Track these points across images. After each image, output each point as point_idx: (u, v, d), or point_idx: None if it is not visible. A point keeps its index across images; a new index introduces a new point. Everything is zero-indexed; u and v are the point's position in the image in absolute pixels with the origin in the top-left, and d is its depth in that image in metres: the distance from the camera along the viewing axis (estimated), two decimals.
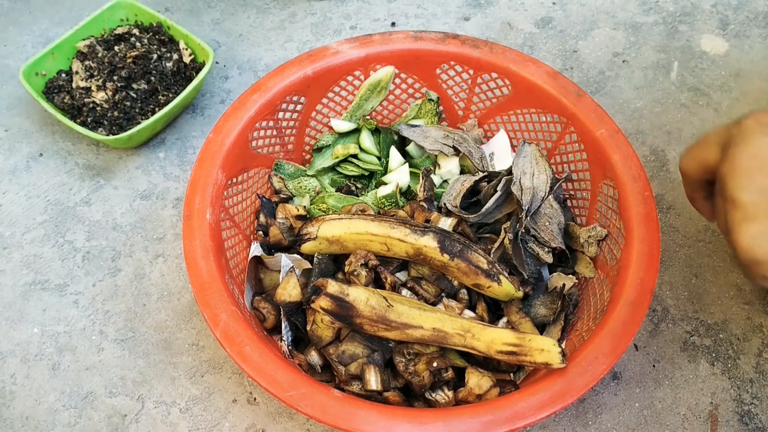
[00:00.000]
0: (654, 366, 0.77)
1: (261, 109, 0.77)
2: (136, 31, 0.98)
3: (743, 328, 0.80)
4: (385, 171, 0.83)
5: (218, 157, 0.73)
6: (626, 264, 0.67)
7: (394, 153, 0.83)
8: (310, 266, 0.72)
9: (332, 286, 0.64)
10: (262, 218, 0.78)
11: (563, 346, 0.66)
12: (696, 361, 0.78)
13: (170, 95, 0.94)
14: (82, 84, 0.93)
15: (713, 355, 0.78)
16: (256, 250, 0.75)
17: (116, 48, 0.96)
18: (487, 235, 0.75)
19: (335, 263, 0.73)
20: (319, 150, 0.86)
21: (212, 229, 0.69)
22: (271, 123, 0.80)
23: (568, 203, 0.81)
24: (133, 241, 0.86)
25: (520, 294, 0.69)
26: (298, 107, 0.82)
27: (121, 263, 0.85)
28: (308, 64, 0.80)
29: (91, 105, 0.91)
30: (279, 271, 0.74)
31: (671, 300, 0.82)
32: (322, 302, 0.63)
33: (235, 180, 0.76)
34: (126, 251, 0.85)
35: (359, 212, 0.74)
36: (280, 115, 0.81)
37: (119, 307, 0.81)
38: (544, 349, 0.61)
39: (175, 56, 0.96)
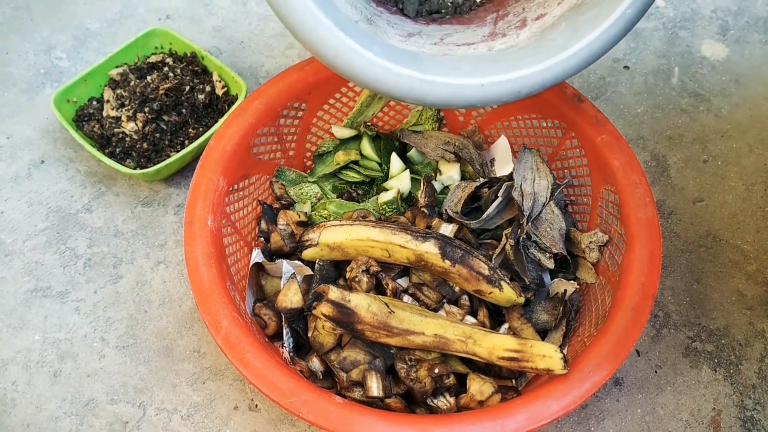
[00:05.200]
0: (656, 372, 0.77)
1: (262, 115, 0.78)
2: (169, 60, 0.97)
3: (745, 333, 0.80)
4: (386, 177, 0.83)
5: (219, 164, 0.73)
6: (628, 269, 0.67)
7: (395, 159, 0.83)
8: (311, 273, 0.72)
9: (334, 293, 0.64)
10: (263, 225, 0.78)
11: (565, 352, 0.66)
12: (698, 367, 0.78)
13: (200, 128, 0.93)
14: (113, 113, 0.92)
15: (715, 360, 0.78)
16: (257, 256, 0.75)
17: (149, 78, 0.94)
18: (489, 241, 0.75)
19: (336, 269, 0.73)
20: (321, 156, 0.86)
21: (213, 235, 0.69)
22: (272, 130, 0.80)
23: (569, 209, 0.81)
24: (134, 248, 0.86)
25: (522, 300, 0.69)
26: (299, 114, 0.83)
27: (123, 270, 0.85)
28: (309, 70, 0.80)
29: (120, 135, 0.90)
30: (280, 277, 0.74)
31: (673, 305, 0.82)
32: (324, 309, 0.63)
33: (236, 186, 0.76)
34: (127, 258, 0.86)
35: (360, 218, 0.74)
36: (281, 121, 0.81)
37: (121, 313, 0.81)
38: (546, 355, 0.61)
39: (208, 88, 0.95)
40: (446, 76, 0.58)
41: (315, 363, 0.69)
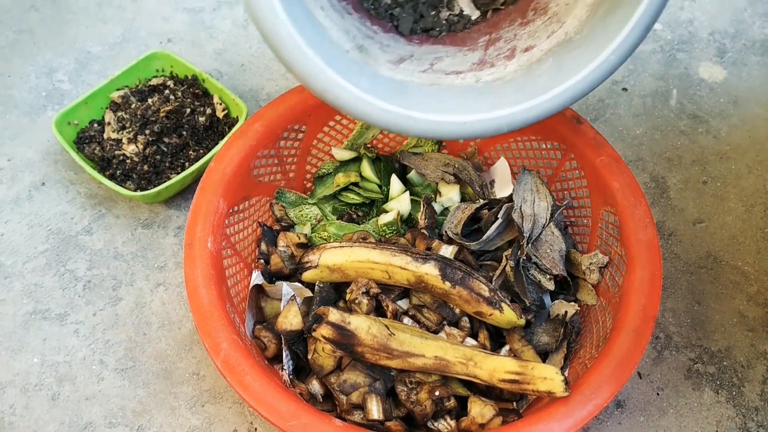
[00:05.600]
0: (658, 394, 0.77)
1: (262, 138, 0.78)
2: (170, 83, 0.97)
3: (747, 355, 0.79)
4: (386, 199, 0.83)
5: (220, 186, 0.73)
6: (628, 291, 0.66)
7: (395, 181, 0.83)
8: (311, 294, 0.72)
9: (333, 315, 0.63)
10: (263, 246, 0.78)
11: (566, 374, 0.66)
12: (700, 389, 0.77)
13: (201, 150, 0.93)
14: (114, 135, 0.92)
15: (718, 382, 0.78)
16: (257, 278, 0.75)
17: (150, 100, 0.95)
18: (489, 262, 0.75)
19: (336, 291, 0.73)
20: (321, 178, 0.86)
21: (213, 257, 0.69)
22: (272, 152, 0.80)
23: (569, 230, 0.81)
24: (134, 270, 0.86)
25: (522, 322, 0.69)
26: (299, 136, 0.83)
27: (122, 292, 0.84)
28: (309, 93, 0.80)
29: (121, 157, 0.91)
30: (280, 299, 0.74)
31: (674, 327, 0.81)
32: (324, 331, 0.63)
33: (236, 208, 0.76)
34: (127, 280, 0.85)
35: (360, 240, 0.74)
36: (282, 143, 0.81)
37: (120, 336, 0.81)
38: (547, 377, 0.61)
39: (209, 111, 0.96)
40: (430, 111, 0.60)
41: (315, 386, 0.68)
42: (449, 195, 0.82)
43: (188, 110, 0.94)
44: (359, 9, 0.73)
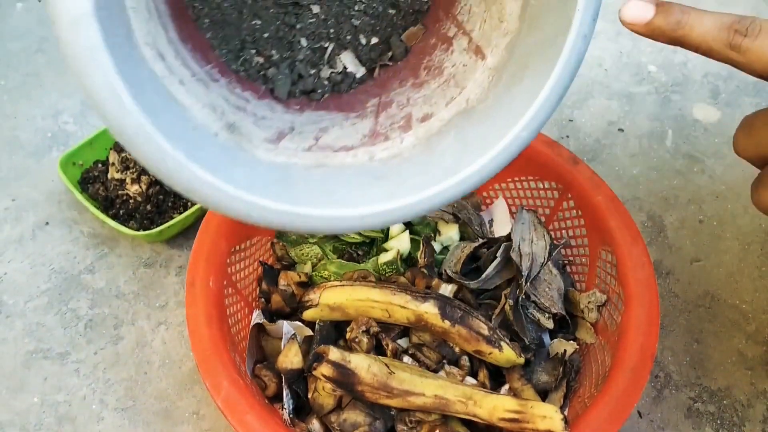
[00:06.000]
0: None
1: None
2: None
3: (747, 394, 0.79)
4: (386, 238, 0.84)
5: (222, 226, 0.74)
6: (626, 329, 0.67)
7: None
8: (311, 333, 0.72)
9: (334, 353, 0.64)
10: (264, 285, 0.79)
11: (566, 413, 0.66)
12: (701, 428, 0.77)
13: None
14: (117, 176, 0.93)
15: (718, 422, 0.77)
16: (257, 317, 0.75)
17: None
18: (488, 301, 0.75)
19: (337, 330, 0.73)
20: None
21: (215, 296, 0.70)
22: None
23: (567, 269, 0.82)
24: (135, 309, 0.87)
25: (522, 360, 0.69)
26: None
27: (123, 331, 0.85)
28: None
29: (124, 197, 0.92)
30: (281, 338, 0.74)
31: (673, 366, 0.82)
32: (324, 369, 0.63)
33: (238, 248, 0.77)
34: (128, 319, 0.86)
35: (360, 279, 0.74)
36: None
37: (120, 375, 0.81)
38: (547, 416, 0.61)
39: None
40: (320, 205, 0.49)
41: (315, 425, 0.68)
42: (448, 234, 0.83)
43: None
44: (227, 72, 0.63)
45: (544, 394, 0.71)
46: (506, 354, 0.68)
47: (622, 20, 0.48)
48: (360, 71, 0.67)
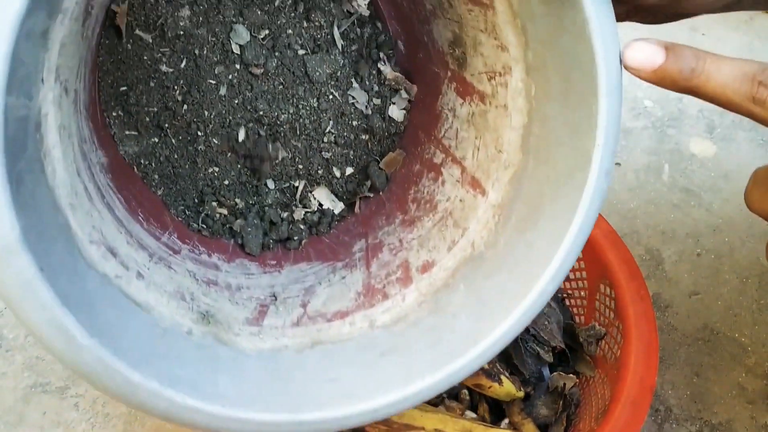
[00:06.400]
0: None
1: None
2: None
3: (748, 428, 0.79)
4: None
5: None
6: (625, 363, 0.67)
7: None
8: None
9: None
10: None
11: None
12: None
13: None
14: None
15: None
16: None
17: None
18: None
19: None
20: None
21: None
22: None
23: (566, 302, 0.82)
24: None
25: (521, 394, 0.69)
26: None
27: None
28: None
29: None
30: None
31: (674, 399, 0.81)
32: None
33: None
34: None
35: None
36: None
37: (119, 409, 0.81)
38: None
39: None
40: (328, 404, 0.41)
41: None
42: None
43: None
44: (188, 235, 0.55)
45: (544, 428, 0.71)
46: (506, 387, 0.68)
47: (626, 65, 0.41)
48: (338, 206, 0.61)
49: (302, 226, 0.59)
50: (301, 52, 0.57)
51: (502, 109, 0.51)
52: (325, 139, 0.59)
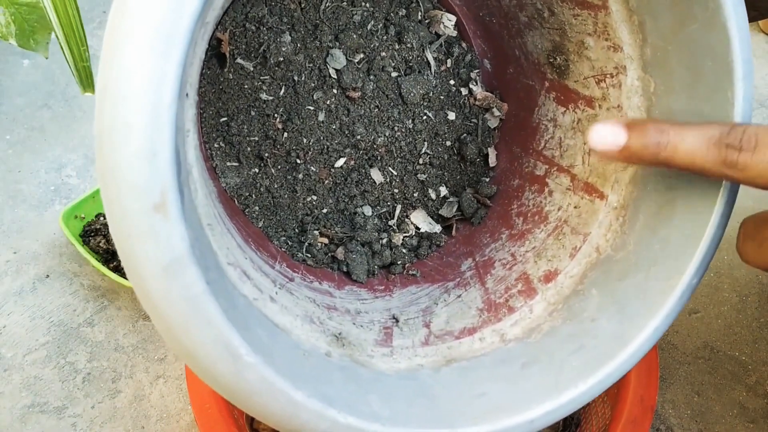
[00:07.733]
0: None
1: None
2: None
3: None
4: None
5: None
6: (626, 382, 0.67)
7: None
8: None
9: None
10: None
11: None
12: None
13: None
14: None
15: None
16: None
17: None
18: None
19: None
20: None
21: None
22: None
23: None
24: (134, 362, 0.86)
25: None
26: None
27: (122, 384, 0.84)
28: None
29: None
30: None
31: (675, 419, 0.81)
32: None
33: None
34: (127, 372, 0.85)
35: None
36: None
37: (117, 429, 0.81)
38: None
39: None
40: (483, 421, 0.40)
41: None
42: None
43: None
44: (294, 265, 0.55)
45: None
46: None
47: (592, 148, 0.40)
48: (435, 228, 0.61)
49: (404, 251, 0.59)
50: (394, 74, 0.58)
51: (615, 110, 0.50)
52: (421, 161, 0.59)
